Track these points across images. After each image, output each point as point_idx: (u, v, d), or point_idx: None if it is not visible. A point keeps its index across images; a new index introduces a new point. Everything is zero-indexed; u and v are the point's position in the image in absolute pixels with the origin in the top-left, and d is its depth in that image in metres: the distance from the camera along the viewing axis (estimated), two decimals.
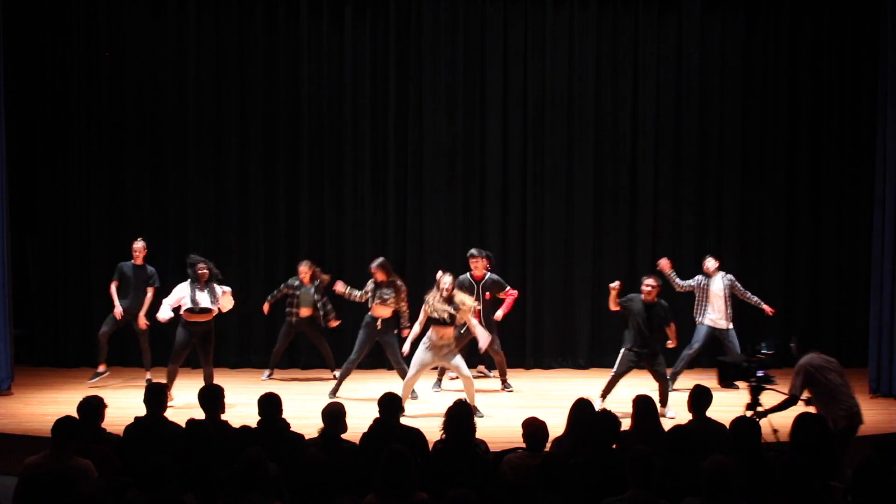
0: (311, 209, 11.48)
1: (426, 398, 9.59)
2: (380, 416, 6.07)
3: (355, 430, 6.15)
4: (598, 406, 7.72)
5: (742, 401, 7.30)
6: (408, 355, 8.95)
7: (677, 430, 5.51)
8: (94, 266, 11.19)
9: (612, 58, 11.55)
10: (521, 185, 11.58)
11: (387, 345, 9.59)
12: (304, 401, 9.16)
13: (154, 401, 6.21)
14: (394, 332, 9.60)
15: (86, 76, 11.31)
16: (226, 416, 6.21)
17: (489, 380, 10.47)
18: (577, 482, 5.14)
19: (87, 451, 5.37)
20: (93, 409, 5.95)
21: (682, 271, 11.41)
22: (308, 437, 5.97)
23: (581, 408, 6.00)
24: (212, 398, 6.17)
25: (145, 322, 10.01)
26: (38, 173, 11.39)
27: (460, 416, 5.61)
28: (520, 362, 11.38)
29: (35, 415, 8.75)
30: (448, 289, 8.59)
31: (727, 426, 6.00)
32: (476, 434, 5.72)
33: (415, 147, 11.50)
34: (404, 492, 4.68)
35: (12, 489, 5.25)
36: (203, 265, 9.21)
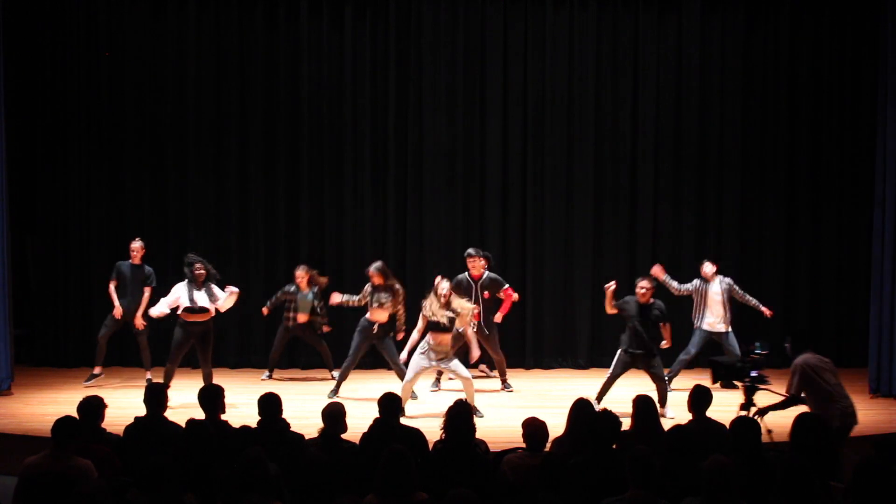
0: (311, 209, 11.48)
1: (426, 398, 9.60)
2: (380, 416, 6.08)
3: (355, 430, 6.15)
4: (596, 408, 7.70)
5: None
6: (406, 362, 8.96)
7: (677, 430, 5.51)
8: (94, 266, 11.19)
9: (612, 58, 11.56)
10: (521, 185, 11.59)
11: (383, 348, 9.60)
12: (304, 401, 9.16)
13: (154, 401, 6.21)
14: (389, 336, 9.61)
15: (86, 76, 11.31)
16: (226, 416, 6.21)
17: (489, 380, 10.47)
18: (577, 482, 5.14)
19: (87, 451, 5.37)
20: (93, 409, 5.95)
21: (682, 271, 11.41)
22: (308, 437, 5.97)
23: (581, 408, 6.00)
24: (212, 398, 6.17)
25: (142, 322, 10.03)
26: (38, 173, 11.40)
27: (460, 416, 5.61)
28: (520, 362, 11.38)
29: (35, 415, 8.75)
30: (446, 294, 8.63)
31: (727, 426, 6.01)
32: (476, 434, 5.73)
33: (415, 147, 11.50)
34: (404, 492, 4.68)
35: (12, 489, 5.25)
36: (200, 265, 9.22)
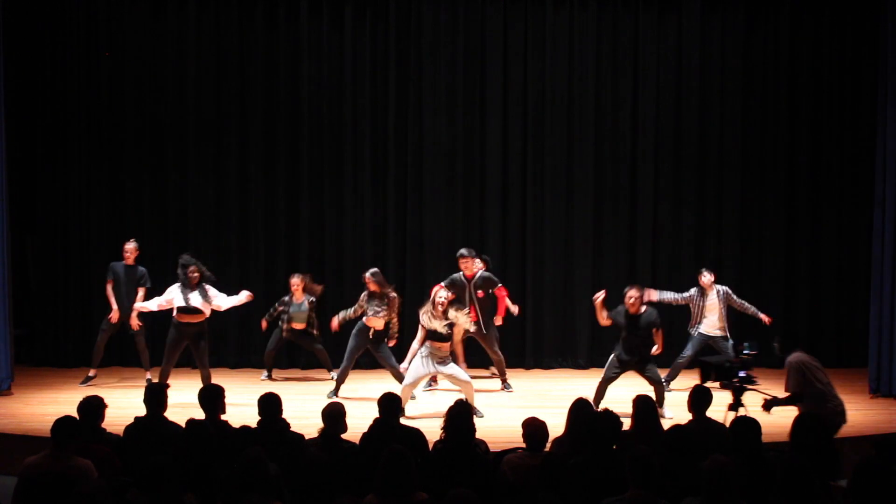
0: (311, 209, 11.47)
1: (425, 398, 9.59)
2: (380, 416, 6.08)
3: (355, 430, 6.15)
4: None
5: (749, 401, 7.30)
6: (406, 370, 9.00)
7: (677, 430, 5.51)
8: (94, 266, 11.18)
9: (612, 58, 11.55)
10: (521, 185, 11.58)
11: (379, 353, 9.58)
12: (304, 401, 9.16)
13: (154, 401, 6.21)
14: (385, 341, 9.60)
15: (86, 76, 11.30)
16: (226, 416, 6.21)
17: (490, 380, 10.46)
18: (577, 482, 5.14)
19: (87, 451, 5.37)
20: (93, 409, 5.96)
21: (682, 271, 11.45)
22: (308, 437, 5.97)
23: (580, 408, 6.00)
24: (212, 398, 6.17)
25: (137, 322, 10.01)
26: (38, 173, 11.39)
27: (460, 416, 5.62)
28: (520, 362, 11.38)
29: (35, 415, 8.74)
30: (443, 303, 8.68)
31: (727, 426, 6.01)
32: (476, 434, 5.73)
33: (415, 147, 11.49)
34: (404, 492, 4.68)
35: (12, 489, 5.25)
36: (194, 268, 9.19)
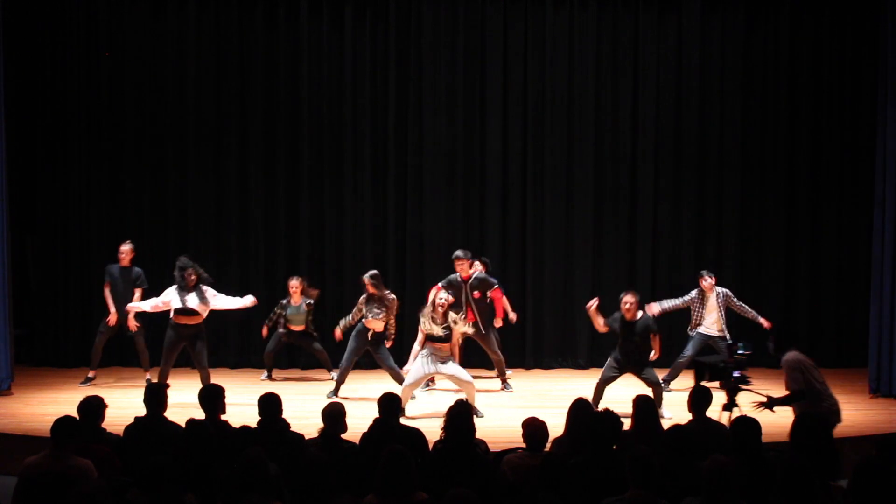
0: (311, 209, 11.47)
1: (424, 398, 9.59)
2: (380, 416, 6.08)
3: (355, 430, 6.14)
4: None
5: (743, 401, 7.31)
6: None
7: (676, 429, 5.51)
8: (94, 266, 11.17)
9: (612, 58, 11.55)
10: (521, 185, 11.58)
11: (378, 354, 9.57)
12: (304, 401, 9.16)
13: (154, 401, 6.21)
14: (384, 343, 9.59)
15: (86, 76, 11.30)
16: (226, 416, 6.21)
17: (491, 380, 10.45)
18: (577, 482, 5.14)
19: (87, 451, 5.37)
20: (93, 409, 5.95)
21: (682, 271, 11.46)
22: (308, 437, 5.97)
23: (580, 408, 6.00)
24: (212, 398, 6.17)
25: (136, 324, 10.00)
26: (38, 173, 11.39)
27: (460, 416, 5.61)
28: (520, 362, 11.38)
29: (35, 415, 8.74)
30: (443, 305, 8.70)
31: (727, 426, 6.01)
32: (476, 434, 5.73)
33: (415, 147, 11.49)
34: (404, 492, 4.68)
35: (12, 489, 5.25)
36: (192, 271, 9.16)
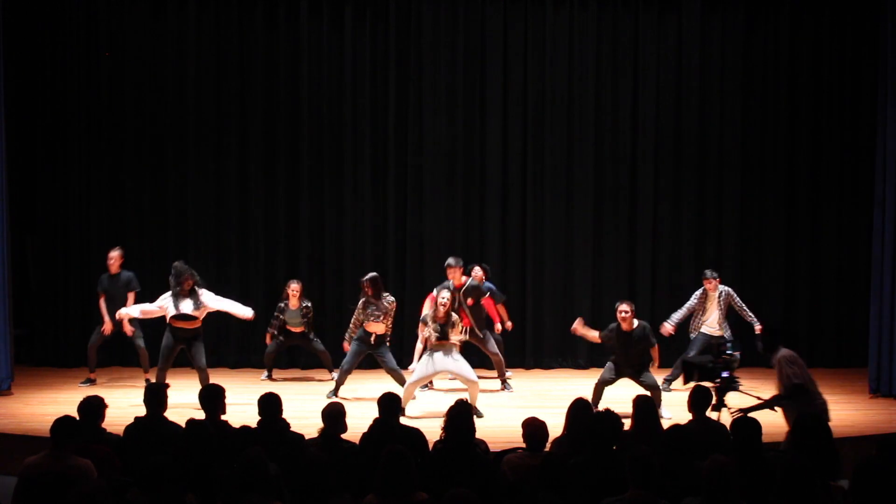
0: (311, 209, 11.47)
1: (425, 398, 9.59)
2: (380, 416, 6.08)
3: (355, 430, 6.14)
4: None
5: (742, 402, 7.30)
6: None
7: (676, 429, 5.51)
8: (94, 266, 11.15)
9: (612, 58, 11.55)
10: (521, 185, 11.58)
11: (380, 357, 9.55)
12: (304, 401, 9.16)
13: (154, 401, 6.21)
14: (386, 345, 9.57)
15: (86, 76, 11.30)
16: (226, 416, 6.21)
17: (490, 380, 10.45)
18: (577, 482, 5.14)
19: (87, 451, 5.37)
20: (93, 409, 5.96)
21: (682, 271, 11.47)
22: (308, 437, 5.97)
23: (579, 408, 6.00)
24: (212, 398, 6.17)
25: (131, 328, 9.97)
26: (38, 173, 11.39)
27: (460, 416, 5.61)
28: (520, 362, 11.38)
29: (35, 415, 8.74)
30: (446, 304, 8.69)
31: (727, 426, 6.01)
32: (476, 434, 5.73)
33: (415, 147, 11.49)
34: (404, 492, 4.68)
35: (12, 489, 5.25)
36: (189, 277, 9.12)
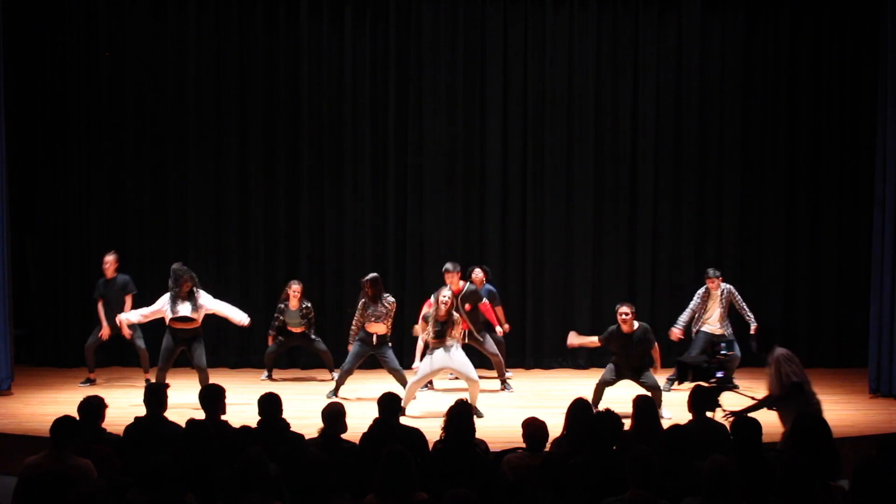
0: (311, 209, 11.47)
1: (425, 398, 9.59)
2: (380, 416, 6.08)
3: (355, 430, 6.15)
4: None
5: (741, 402, 7.31)
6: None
7: (676, 429, 5.51)
8: (94, 266, 11.12)
9: (612, 58, 11.55)
10: (521, 185, 11.58)
11: (382, 357, 9.52)
12: (304, 401, 9.16)
13: (154, 401, 6.22)
14: (388, 345, 9.55)
15: (86, 76, 11.30)
16: (226, 416, 6.21)
17: (490, 380, 10.45)
18: (577, 482, 5.14)
19: (87, 451, 5.37)
20: (93, 409, 5.96)
21: (682, 271, 11.47)
22: (308, 437, 5.97)
23: (579, 408, 6.00)
24: (212, 398, 6.17)
25: (129, 332, 9.95)
26: (38, 173, 11.39)
27: (460, 416, 5.61)
28: (520, 362, 11.38)
29: (35, 415, 8.74)
30: (447, 302, 8.69)
31: (727, 426, 6.01)
32: (476, 434, 5.73)
33: (415, 147, 11.49)
34: (404, 492, 4.68)
35: (12, 489, 5.25)
36: (187, 279, 9.12)
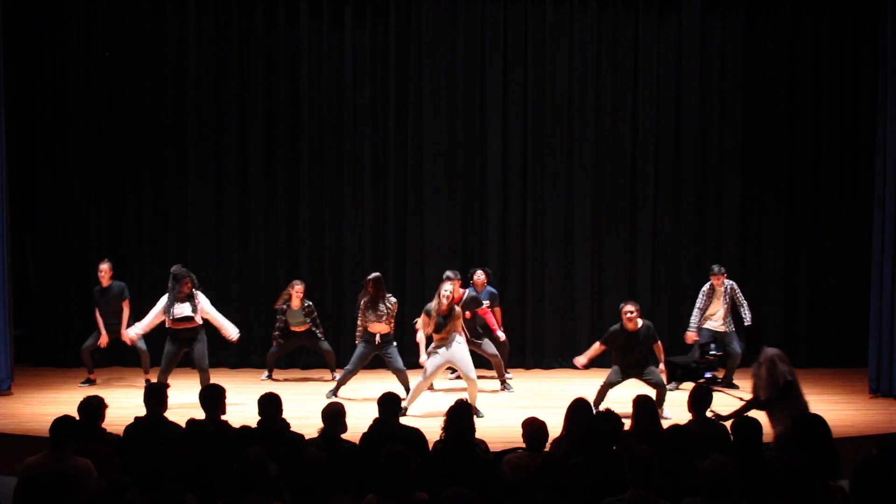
0: (311, 209, 11.47)
1: (426, 398, 9.58)
2: (380, 416, 6.08)
3: (355, 430, 6.15)
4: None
5: (732, 402, 7.31)
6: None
7: (676, 429, 5.51)
8: (94, 266, 11.13)
9: (612, 58, 11.55)
10: (521, 185, 11.57)
11: (387, 356, 9.51)
12: (304, 401, 9.16)
13: (154, 401, 6.22)
14: (393, 345, 9.54)
15: (86, 76, 11.30)
16: (226, 416, 6.21)
17: (490, 380, 10.45)
18: (577, 482, 5.14)
19: (87, 451, 5.37)
20: (93, 409, 5.96)
21: (682, 271, 11.47)
22: (308, 437, 5.97)
23: (578, 408, 6.00)
24: (212, 398, 6.17)
25: (129, 338, 9.94)
26: (38, 173, 11.39)
27: (460, 416, 5.61)
28: (520, 362, 11.38)
29: (35, 415, 8.74)
30: (449, 297, 8.67)
31: (727, 426, 6.01)
32: (476, 434, 5.73)
33: (415, 147, 11.49)
34: (404, 492, 4.68)
35: (12, 489, 5.25)
36: (188, 280, 9.13)
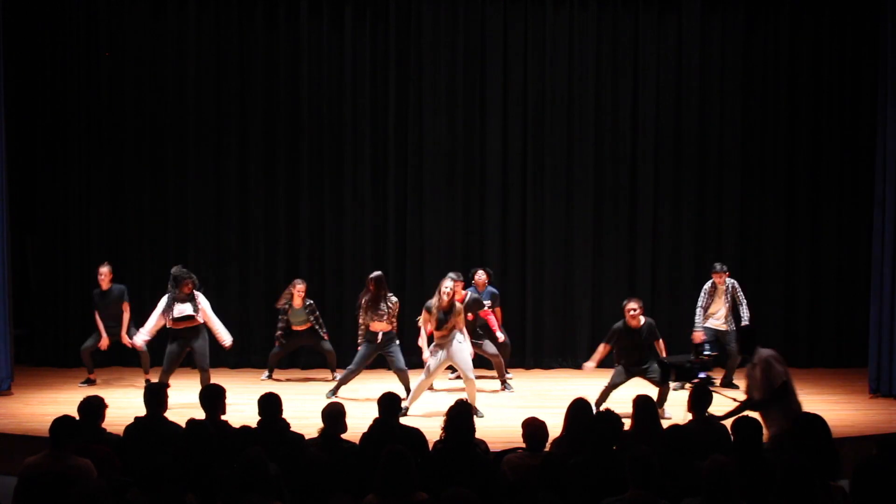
0: (311, 209, 11.47)
1: (426, 398, 9.58)
2: (380, 416, 6.08)
3: (355, 430, 6.15)
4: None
5: (724, 402, 7.31)
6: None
7: (676, 429, 5.51)
8: (94, 266, 11.11)
9: (612, 58, 11.55)
10: (521, 185, 11.57)
11: (390, 356, 9.51)
12: (304, 401, 9.16)
13: (154, 401, 6.22)
14: (396, 343, 9.53)
15: (86, 76, 11.30)
16: (226, 416, 6.21)
17: (490, 380, 10.45)
18: (577, 482, 5.14)
19: (87, 451, 5.37)
20: (93, 409, 5.96)
21: (682, 271, 11.47)
22: (308, 437, 5.98)
23: (578, 408, 6.00)
24: (212, 398, 6.17)
25: (129, 341, 9.95)
26: (38, 173, 11.39)
27: (460, 416, 5.62)
28: (520, 362, 11.37)
29: (35, 415, 8.74)
30: (449, 293, 8.64)
31: (727, 426, 6.01)
32: (476, 434, 5.73)
33: (415, 147, 11.49)
34: (404, 492, 4.68)
35: (12, 489, 5.25)
36: (188, 281, 9.14)
